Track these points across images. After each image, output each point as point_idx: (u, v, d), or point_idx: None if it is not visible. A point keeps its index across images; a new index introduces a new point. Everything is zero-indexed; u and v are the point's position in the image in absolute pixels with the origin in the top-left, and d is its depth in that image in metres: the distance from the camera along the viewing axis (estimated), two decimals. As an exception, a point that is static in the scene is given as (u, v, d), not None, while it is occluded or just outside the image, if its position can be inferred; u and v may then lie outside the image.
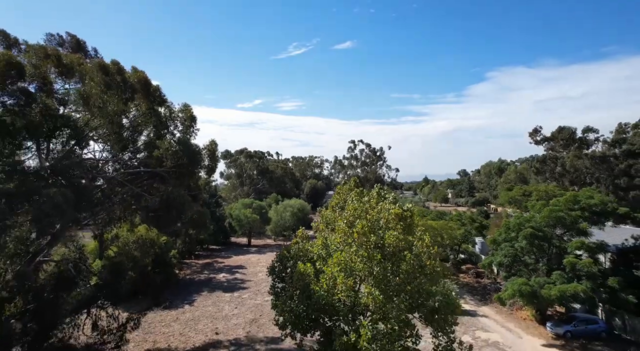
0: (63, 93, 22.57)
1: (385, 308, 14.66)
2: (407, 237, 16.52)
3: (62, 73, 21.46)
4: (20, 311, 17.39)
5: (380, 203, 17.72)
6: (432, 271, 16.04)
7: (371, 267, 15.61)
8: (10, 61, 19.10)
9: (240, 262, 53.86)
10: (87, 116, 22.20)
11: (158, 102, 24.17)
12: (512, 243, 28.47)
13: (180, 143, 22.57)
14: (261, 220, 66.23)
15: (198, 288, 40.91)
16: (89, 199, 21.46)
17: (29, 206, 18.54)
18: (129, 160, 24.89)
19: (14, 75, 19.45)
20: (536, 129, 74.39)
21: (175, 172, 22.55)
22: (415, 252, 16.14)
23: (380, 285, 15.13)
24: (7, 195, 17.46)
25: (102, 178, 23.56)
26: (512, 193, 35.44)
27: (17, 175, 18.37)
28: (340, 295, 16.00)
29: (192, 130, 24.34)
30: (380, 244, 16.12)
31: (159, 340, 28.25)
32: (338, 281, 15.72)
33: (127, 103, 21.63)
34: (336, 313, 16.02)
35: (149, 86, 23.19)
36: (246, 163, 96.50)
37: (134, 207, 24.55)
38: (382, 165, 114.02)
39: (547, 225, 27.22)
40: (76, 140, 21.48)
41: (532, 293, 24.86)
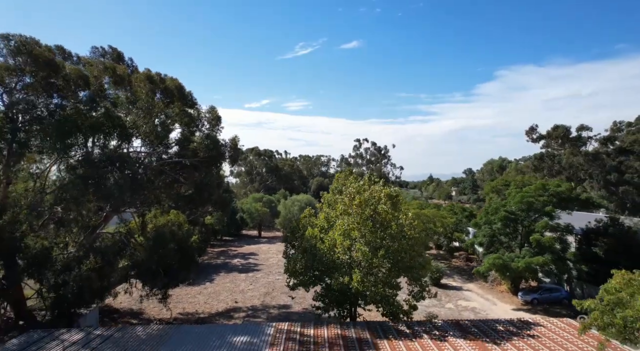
0: (114, 98, 28.07)
1: (372, 260, 19.81)
2: (393, 212, 21.65)
3: (116, 82, 26.97)
4: (93, 268, 22.80)
5: (372, 186, 22.88)
6: (412, 237, 21.14)
7: (364, 232, 20.75)
8: (79, 74, 24.63)
9: (252, 250, 59.27)
10: (134, 117, 27.63)
11: (189, 105, 29.55)
12: (490, 225, 33.43)
13: (209, 138, 27.90)
14: (271, 214, 71.57)
15: (216, 270, 46.31)
16: (137, 184, 26.86)
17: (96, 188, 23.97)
18: (164, 153, 30.32)
19: (81, 85, 24.96)
20: (532, 127, 78.79)
21: (205, 162, 27.91)
22: (399, 222, 21.24)
23: (369, 244, 20.29)
24: (82, 178, 22.88)
25: (145, 168, 28.95)
26: (494, 183, 40.31)
27: (87, 164, 23.84)
28: (339, 254, 21.20)
29: (217, 128, 29.66)
30: (372, 216, 21.24)
31: (187, 307, 33.62)
32: (338, 242, 20.94)
33: (168, 105, 27.01)
34: (336, 268, 21.17)
35: (183, 91, 28.58)
36: (256, 161, 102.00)
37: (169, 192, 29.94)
38: (386, 163, 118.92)
39: (519, 209, 32.08)
40: (126, 136, 26.92)
41: (503, 265, 29.76)
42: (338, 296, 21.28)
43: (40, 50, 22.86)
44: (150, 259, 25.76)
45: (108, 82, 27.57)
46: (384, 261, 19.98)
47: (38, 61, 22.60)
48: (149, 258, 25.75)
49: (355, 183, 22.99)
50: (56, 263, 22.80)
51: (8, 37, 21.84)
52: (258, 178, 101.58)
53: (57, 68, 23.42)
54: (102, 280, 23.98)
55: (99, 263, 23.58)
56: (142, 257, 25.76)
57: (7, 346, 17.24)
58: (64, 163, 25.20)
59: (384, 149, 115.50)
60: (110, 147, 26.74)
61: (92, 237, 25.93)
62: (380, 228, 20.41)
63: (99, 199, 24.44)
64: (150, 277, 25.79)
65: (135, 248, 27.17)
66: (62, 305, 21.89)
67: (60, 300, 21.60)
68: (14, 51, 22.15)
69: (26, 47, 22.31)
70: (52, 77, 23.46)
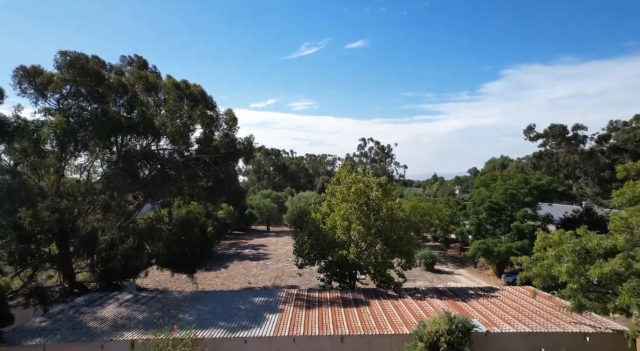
0: (145, 102, 32.64)
1: (366, 238, 24.16)
2: (384, 197, 25.96)
3: (148, 88, 31.56)
4: (132, 247, 27.37)
5: (365, 177, 27.20)
6: (400, 218, 25.43)
7: (359, 215, 25.09)
8: (119, 83, 29.24)
9: (262, 242, 63.83)
10: (162, 119, 32.18)
11: (210, 108, 34.03)
12: (477, 215, 37.55)
13: (229, 137, 32.40)
14: (278, 209, 76.06)
15: (229, 259, 50.88)
16: (165, 177, 31.41)
17: (133, 179, 28.53)
18: (186, 150, 34.86)
19: (120, 91, 29.57)
20: (530, 127, 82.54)
21: (224, 158, 32.40)
22: (389, 205, 25.55)
23: (364, 224, 24.62)
24: (122, 171, 27.46)
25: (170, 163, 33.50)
26: (482, 177, 44.38)
27: (126, 159, 28.44)
28: (339, 234, 25.57)
29: (234, 128, 34.11)
30: (366, 201, 25.56)
31: (206, 287, 38.11)
32: (337, 223, 25.32)
33: (192, 108, 31.54)
34: (336, 245, 25.51)
35: (205, 96, 33.08)
36: (263, 160, 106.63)
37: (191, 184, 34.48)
38: (390, 162, 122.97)
39: (503, 200, 36.18)
40: (156, 136, 31.50)
41: (487, 249, 33.88)
42: (339, 268, 25.65)
43: (90, 64, 27.52)
44: (177, 241, 30.31)
45: (141, 88, 32.18)
46: (376, 238, 24.32)
47: (88, 73, 27.26)
48: (177, 240, 30.30)
49: (352, 175, 27.35)
50: (101, 243, 27.42)
51: (65, 53, 26.49)
52: (265, 176, 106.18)
53: (102, 78, 28.08)
54: (139, 258, 28.61)
55: (136, 244, 28.17)
56: (171, 238, 30.30)
57: (76, 301, 21.87)
58: (106, 158, 29.88)
59: (387, 148, 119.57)
60: (143, 145, 31.39)
61: (129, 221, 30.57)
62: (373, 212, 24.73)
63: (134, 189, 29.04)
64: (177, 257, 30.31)
65: (164, 232, 31.73)
66: (109, 277, 26.49)
67: (109, 272, 26.20)
68: (69, 64, 26.78)
69: (78, 61, 26.97)
70: (98, 85, 28.10)
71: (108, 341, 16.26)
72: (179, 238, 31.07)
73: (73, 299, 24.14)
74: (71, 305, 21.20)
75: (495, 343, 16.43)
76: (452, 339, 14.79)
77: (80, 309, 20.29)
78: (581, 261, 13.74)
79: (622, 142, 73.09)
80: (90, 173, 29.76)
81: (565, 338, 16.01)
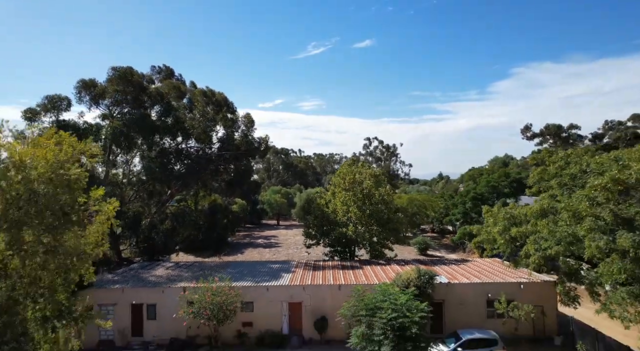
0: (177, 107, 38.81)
1: (361, 218, 29.99)
2: (376, 186, 31.76)
3: (179, 96, 37.73)
4: (168, 228, 33.54)
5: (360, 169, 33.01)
6: (389, 203, 31.20)
7: (355, 200, 30.92)
8: (157, 91, 35.44)
9: (273, 234, 69.91)
10: (190, 122, 38.30)
11: (231, 112, 40.10)
12: (464, 204, 43.10)
13: (246, 136, 38.45)
14: (288, 204, 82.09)
15: (244, 247, 56.96)
16: (193, 171, 37.55)
17: (168, 172, 34.67)
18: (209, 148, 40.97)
19: (158, 99, 35.75)
20: (527, 126, 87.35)
21: (243, 155, 38.45)
22: (381, 192, 31.34)
23: (359, 208, 30.44)
24: (161, 165, 33.60)
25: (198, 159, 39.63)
26: (471, 172, 49.91)
27: (163, 155, 34.60)
28: (339, 216, 31.44)
29: (252, 129, 40.15)
30: (361, 190, 31.36)
31: (226, 268, 44.24)
32: (338, 207, 31.20)
33: (217, 112, 37.65)
34: (337, 225, 31.36)
35: (227, 102, 39.15)
36: (273, 159, 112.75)
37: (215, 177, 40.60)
38: (395, 161, 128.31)
39: (487, 192, 41.73)
40: (187, 136, 37.64)
41: (470, 234, 39.44)
42: (340, 245, 31.50)
43: (134, 76, 33.76)
44: (205, 224, 36.45)
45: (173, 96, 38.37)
46: (370, 219, 30.15)
47: (132, 84, 33.48)
48: (205, 223, 36.44)
49: (351, 169, 33.20)
50: (143, 225, 33.62)
51: (116, 68, 32.77)
52: (275, 174, 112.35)
53: (144, 88, 34.33)
54: (176, 237, 34.80)
55: (172, 225, 34.36)
56: (199, 222, 36.43)
57: (132, 266, 28.04)
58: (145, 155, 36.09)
59: (393, 148, 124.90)
60: (175, 143, 37.57)
61: (164, 207, 36.79)
62: (367, 197, 30.55)
63: (170, 180, 35.23)
64: (205, 237, 36.44)
65: (193, 216, 37.93)
66: (151, 252, 32.67)
67: (151, 248, 32.37)
68: (118, 77, 33.01)
69: (126, 75, 33.22)
70: (140, 94, 34.33)
71: (167, 287, 22.36)
72: (206, 221, 37.23)
73: (124, 268, 30.31)
74: (129, 268, 27.39)
75: (454, 291, 22.18)
76: (419, 283, 20.54)
77: (138, 271, 26.44)
78: (509, 224, 19.32)
79: (614, 140, 77.71)
80: (130, 167, 36.01)
81: (505, 286, 21.66)
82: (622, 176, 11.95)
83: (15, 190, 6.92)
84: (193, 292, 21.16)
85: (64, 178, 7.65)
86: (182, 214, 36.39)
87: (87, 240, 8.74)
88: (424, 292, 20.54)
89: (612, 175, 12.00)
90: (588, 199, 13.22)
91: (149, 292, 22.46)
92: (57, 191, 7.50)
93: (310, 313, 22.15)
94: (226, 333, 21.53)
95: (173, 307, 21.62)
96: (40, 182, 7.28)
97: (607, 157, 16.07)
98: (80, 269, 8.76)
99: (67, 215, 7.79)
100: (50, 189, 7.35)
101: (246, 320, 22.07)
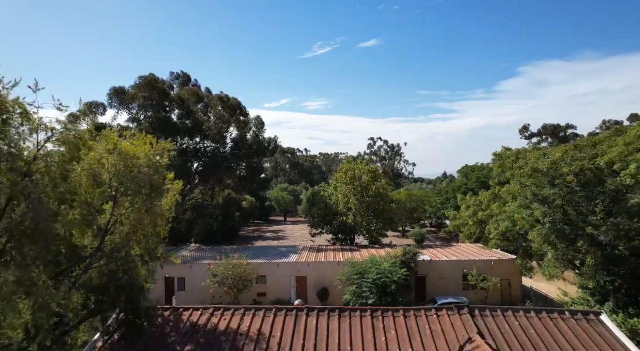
0: (195, 111, 43.52)
1: (359, 209, 34.44)
2: (373, 180, 36.16)
3: (197, 101, 42.44)
4: (191, 218, 38.19)
5: (359, 165, 37.45)
6: (385, 196, 35.59)
7: (354, 193, 35.37)
8: (179, 97, 40.16)
9: (280, 229, 74.54)
10: (207, 124, 42.98)
11: (244, 114, 44.75)
12: (456, 199, 47.27)
13: (257, 137, 43.06)
14: (294, 202, 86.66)
15: (254, 240, 61.60)
16: (210, 168, 42.22)
17: (188, 169, 39.33)
18: (223, 147, 45.66)
19: (179, 104, 40.48)
20: (525, 126, 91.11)
21: (254, 153, 43.05)
22: (377, 185, 35.74)
23: (358, 199, 34.89)
24: (181, 163, 38.26)
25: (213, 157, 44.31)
26: (463, 170, 54.07)
27: (184, 154, 39.27)
28: (341, 207, 35.91)
29: (262, 130, 44.75)
30: (360, 184, 35.80)
31: (238, 257, 48.90)
32: (340, 199, 35.68)
33: (232, 116, 42.32)
34: (339, 214, 35.82)
35: (240, 106, 43.78)
36: (280, 158, 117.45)
37: (229, 174, 45.27)
38: (400, 160, 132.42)
39: (476, 187, 45.85)
40: (204, 137, 42.35)
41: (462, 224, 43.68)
42: (341, 233, 35.94)
43: (159, 84, 38.50)
44: (222, 215, 41.08)
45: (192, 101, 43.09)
46: (368, 210, 34.58)
47: (157, 90, 38.21)
48: (221, 214, 41.06)
49: (350, 165, 37.64)
50: (167, 215, 38.27)
51: (144, 77, 37.50)
52: (282, 173, 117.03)
53: (167, 94, 39.07)
54: (197, 226, 39.46)
55: (192, 216, 39.03)
56: (216, 213, 41.08)
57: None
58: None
59: (397, 147, 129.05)
60: (194, 143, 42.29)
61: (185, 200, 41.48)
62: (365, 190, 34.99)
63: (189, 177, 39.90)
64: (222, 227, 41.05)
65: (211, 209, 42.58)
66: (175, 239, 37.32)
67: (175, 236, 36.98)
68: (145, 84, 37.74)
69: (151, 82, 37.94)
70: (163, 100, 39.06)
71: (194, 264, 26.99)
72: (222, 214, 41.88)
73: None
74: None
75: (436, 267, 26.55)
76: (404, 259, 24.91)
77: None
78: (478, 209, 23.63)
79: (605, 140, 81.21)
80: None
81: (478, 263, 25.95)
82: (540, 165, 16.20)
83: (127, 170, 11.41)
84: (217, 267, 25.71)
85: (155, 165, 12.11)
86: (201, 207, 41.04)
87: (165, 207, 13.22)
88: (408, 266, 24.91)
89: (532, 165, 16.30)
90: (519, 184, 17.53)
91: (179, 268, 27.00)
92: (151, 173, 11.95)
93: (314, 285, 26.64)
94: (244, 302, 26.04)
95: (200, 280, 26.20)
96: (142, 167, 11.75)
97: (542, 152, 20.40)
98: (162, 225, 13.33)
99: (157, 189, 12.24)
100: (147, 171, 11.81)
101: (261, 291, 26.64)
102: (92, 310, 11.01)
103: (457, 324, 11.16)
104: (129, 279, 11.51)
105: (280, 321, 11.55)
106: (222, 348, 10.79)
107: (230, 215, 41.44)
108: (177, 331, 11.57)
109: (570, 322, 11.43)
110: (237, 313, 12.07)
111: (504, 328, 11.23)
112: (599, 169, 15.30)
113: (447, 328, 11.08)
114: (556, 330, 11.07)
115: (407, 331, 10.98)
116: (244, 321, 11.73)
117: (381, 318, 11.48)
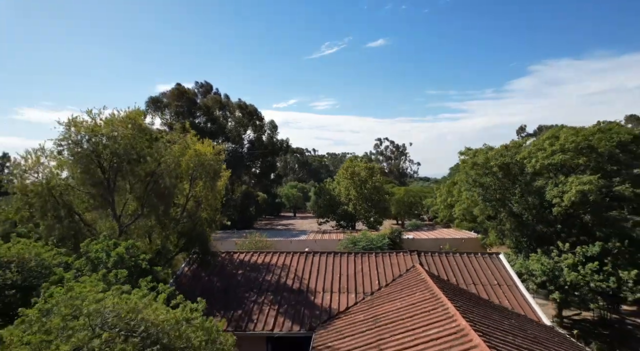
0: (218, 117, 50.75)
1: (358, 199, 41.36)
2: (370, 176, 43.07)
3: (220, 108, 49.68)
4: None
5: (358, 163, 44.36)
6: (380, 189, 42.47)
7: (354, 186, 42.28)
8: (205, 104, 47.42)
9: (290, 222, 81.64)
10: (228, 127, 50.20)
11: (259, 119, 51.88)
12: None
13: (271, 138, 50.15)
14: (303, 198, 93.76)
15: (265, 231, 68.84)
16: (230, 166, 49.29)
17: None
18: (241, 148, 52.82)
19: (205, 110, 47.73)
20: (522, 127, 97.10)
21: (269, 153, 50.13)
22: (373, 181, 42.63)
23: (357, 192, 41.81)
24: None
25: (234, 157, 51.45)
26: (453, 168, 60.65)
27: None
28: (342, 198, 42.88)
29: (275, 132, 51.86)
30: (359, 178, 42.70)
31: (254, 244, 56.09)
32: (342, 192, 42.67)
33: (250, 120, 49.49)
34: (341, 204, 42.75)
35: (256, 111, 50.93)
36: (289, 158, 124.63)
37: (246, 171, 52.40)
38: (405, 160, 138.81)
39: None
40: (226, 139, 49.53)
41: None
42: (343, 219, 42.86)
43: (189, 93, 45.79)
44: (241, 205, 48.20)
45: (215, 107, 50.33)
46: (366, 201, 41.48)
47: (187, 99, 45.49)
48: (241, 204, 48.18)
49: (351, 163, 44.53)
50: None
51: (175, 86, 44.77)
52: (291, 172, 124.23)
53: (195, 102, 46.35)
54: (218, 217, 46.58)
55: (216, 206, 46.18)
56: (237, 204, 48.22)
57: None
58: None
59: (402, 147, 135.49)
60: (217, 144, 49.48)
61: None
62: (362, 184, 41.87)
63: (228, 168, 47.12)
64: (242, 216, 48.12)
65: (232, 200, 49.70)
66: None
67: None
68: (176, 93, 45.03)
69: (181, 91, 45.23)
70: (192, 107, 46.33)
71: (224, 240, 34.12)
72: (241, 204, 49.03)
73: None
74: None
75: (418, 243, 33.34)
76: (391, 236, 31.75)
77: (198, 234, 38.37)
78: (448, 195, 30.32)
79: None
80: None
81: (452, 241, 32.70)
82: (478, 160, 22.87)
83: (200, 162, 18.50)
84: (243, 242, 32.74)
85: (216, 158, 19.10)
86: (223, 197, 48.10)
87: (219, 188, 20.29)
88: (394, 242, 31.76)
89: (472, 160, 23.02)
90: (465, 173, 24.26)
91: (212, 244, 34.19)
92: (213, 164, 18.94)
93: (319, 258, 33.61)
94: (264, 270, 33.13)
95: (228, 253, 33.28)
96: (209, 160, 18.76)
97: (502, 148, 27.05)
98: (219, 199, 20.43)
99: (216, 175, 19.23)
100: (211, 163, 18.79)
101: (277, 262, 33.69)
102: (182, 248, 18.12)
103: (407, 259, 18.02)
104: (201, 231, 18.59)
105: (296, 258, 18.53)
106: (260, 272, 17.79)
107: (247, 207, 48.53)
108: (231, 264, 18.61)
109: (479, 259, 18.24)
110: (269, 254, 19.09)
111: (437, 262, 18.05)
112: (517, 163, 21.98)
113: (401, 262, 17.93)
114: (469, 263, 17.88)
115: (376, 263, 17.87)
116: (273, 258, 18.74)
117: (360, 256, 18.41)
